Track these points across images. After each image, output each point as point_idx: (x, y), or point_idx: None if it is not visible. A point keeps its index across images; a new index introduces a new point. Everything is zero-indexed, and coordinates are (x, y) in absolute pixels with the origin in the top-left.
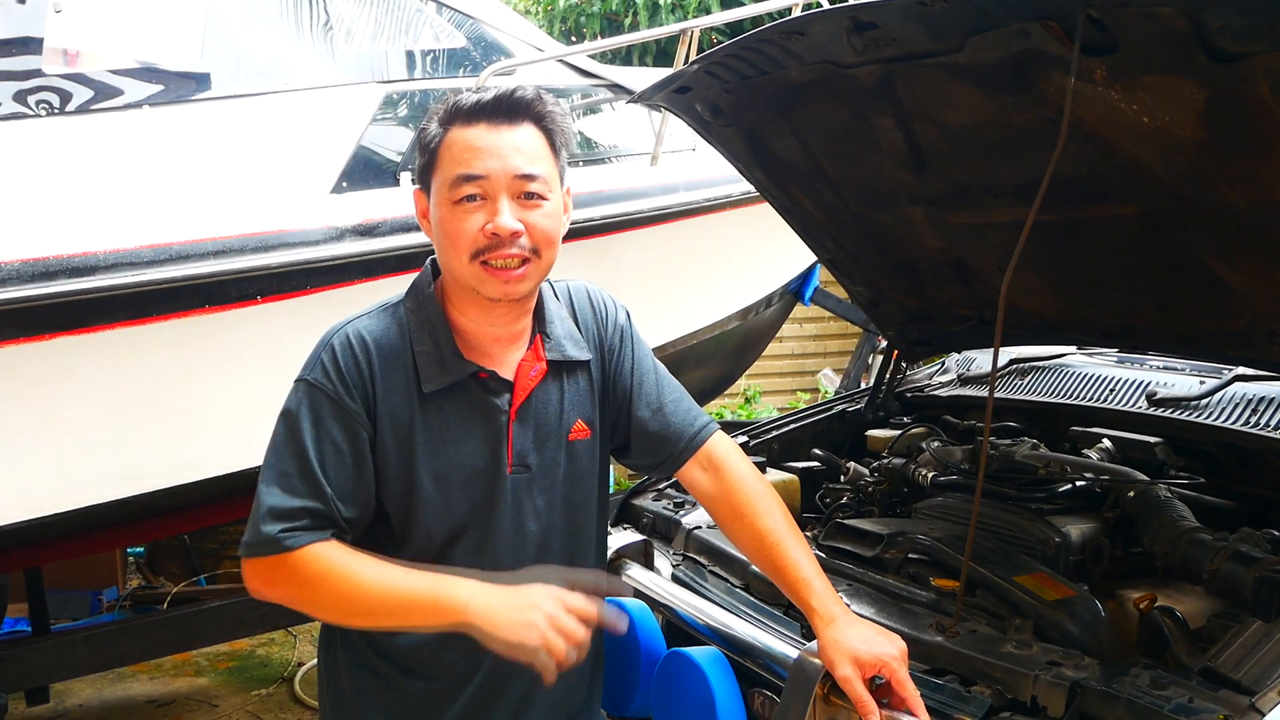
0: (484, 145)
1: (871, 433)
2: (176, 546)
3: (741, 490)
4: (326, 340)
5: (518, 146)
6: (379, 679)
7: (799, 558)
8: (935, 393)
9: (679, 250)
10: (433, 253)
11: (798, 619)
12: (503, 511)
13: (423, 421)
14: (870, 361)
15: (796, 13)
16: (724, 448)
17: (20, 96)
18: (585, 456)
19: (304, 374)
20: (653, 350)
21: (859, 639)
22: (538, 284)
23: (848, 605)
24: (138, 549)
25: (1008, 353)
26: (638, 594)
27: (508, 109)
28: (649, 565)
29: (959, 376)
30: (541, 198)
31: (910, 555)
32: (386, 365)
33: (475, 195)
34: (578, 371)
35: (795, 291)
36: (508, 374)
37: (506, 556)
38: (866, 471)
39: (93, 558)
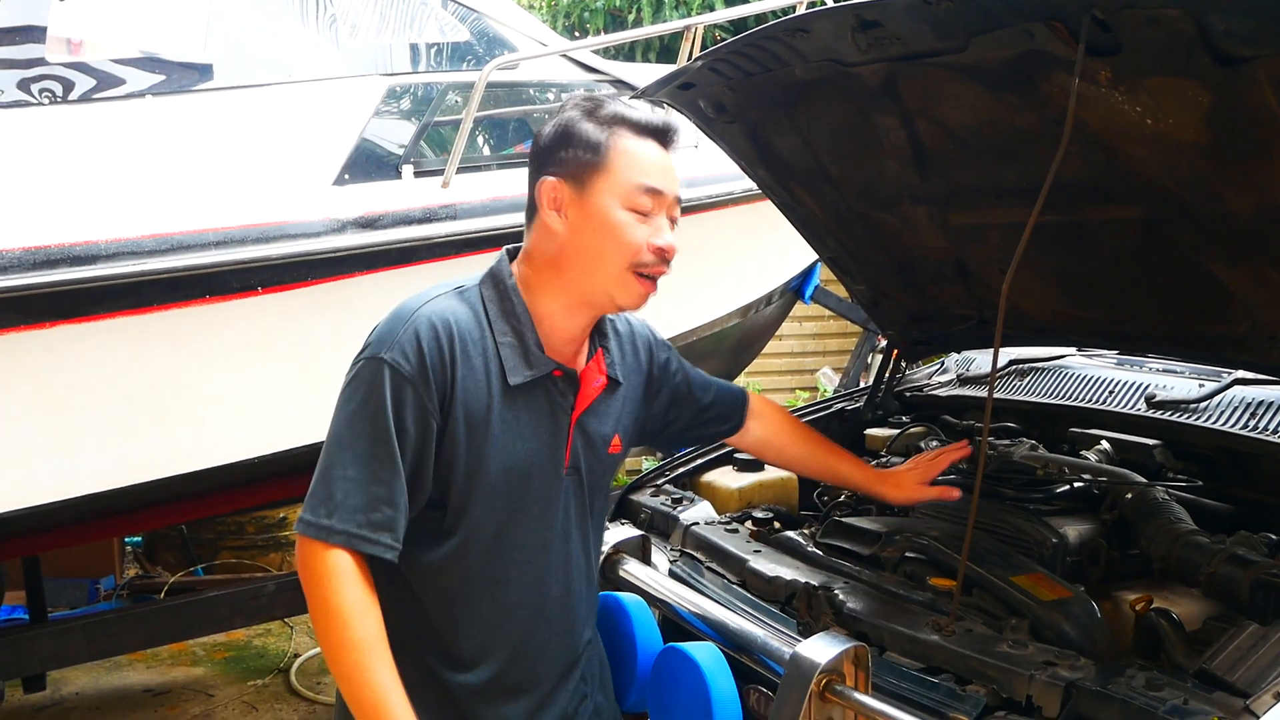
0: (663, 164)
1: (870, 431)
2: (174, 536)
3: (784, 427)
4: (407, 319)
5: (676, 174)
6: (419, 668)
7: (844, 457)
8: (934, 392)
9: (679, 246)
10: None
11: (794, 615)
12: (555, 511)
13: (499, 412)
14: (870, 360)
15: (800, 10)
16: (756, 401)
17: (23, 85)
18: (611, 470)
19: (383, 353)
20: None
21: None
22: None
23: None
24: (135, 538)
25: (1007, 353)
26: (635, 589)
27: (671, 138)
28: (646, 561)
29: (958, 376)
30: (676, 224)
31: (908, 554)
32: (467, 352)
33: (648, 209)
34: (620, 390)
35: (796, 290)
36: (575, 376)
37: (554, 557)
38: None
39: (90, 546)
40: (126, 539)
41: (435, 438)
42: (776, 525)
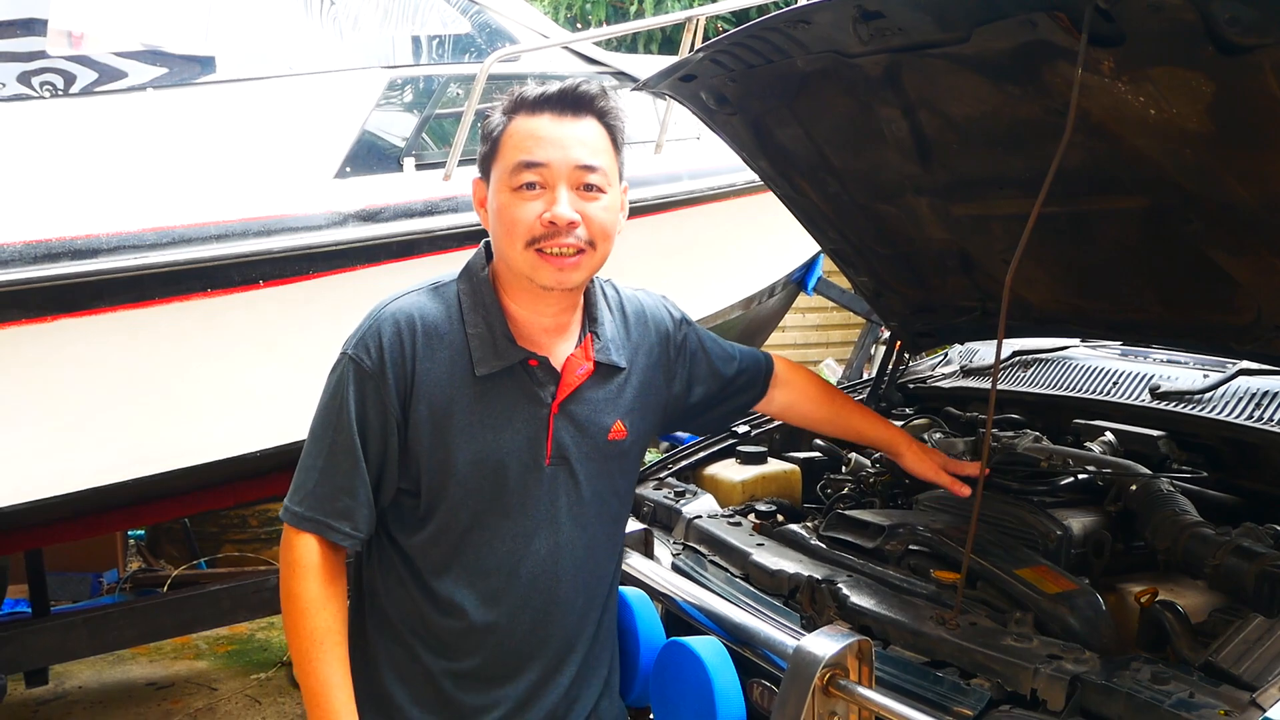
0: (547, 135)
1: None
2: (177, 530)
3: (809, 392)
4: (375, 315)
5: (580, 139)
6: (404, 650)
7: (869, 418)
8: (938, 384)
9: (682, 239)
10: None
11: (797, 609)
12: (537, 501)
13: (465, 403)
14: (873, 352)
15: (802, 1)
16: (780, 366)
17: (25, 78)
18: (619, 457)
19: (350, 349)
20: None
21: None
22: (590, 275)
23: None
24: (138, 532)
25: (1011, 344)
26: (637, 583)
27: (573, 102)
28: (649, 554)
29: (961, 368)
30: (600, 190)
31: (911, 547)
32: (431, 345)
33: (534, 183)
34: (621, 375)
35: (798, 281)
36: (556, 365)
37: (538, 548)
38: (868, 462)
39: (93, 540)
40: (129, 532)
41: (398, 430)
42: (780, 518)
